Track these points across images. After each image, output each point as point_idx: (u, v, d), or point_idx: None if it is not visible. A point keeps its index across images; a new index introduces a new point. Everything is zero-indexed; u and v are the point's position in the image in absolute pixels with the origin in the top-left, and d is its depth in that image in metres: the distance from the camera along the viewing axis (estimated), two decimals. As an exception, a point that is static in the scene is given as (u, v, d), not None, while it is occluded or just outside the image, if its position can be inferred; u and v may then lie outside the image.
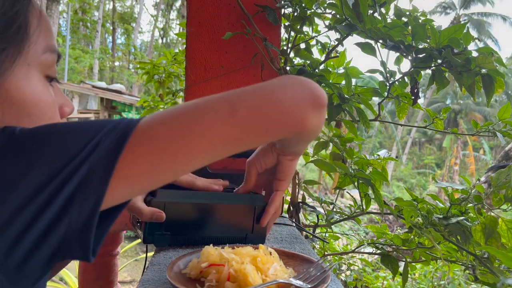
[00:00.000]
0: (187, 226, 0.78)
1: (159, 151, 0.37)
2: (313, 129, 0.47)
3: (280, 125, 0.43)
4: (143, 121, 0.38)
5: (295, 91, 0.44)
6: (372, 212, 1.19)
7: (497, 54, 0.96)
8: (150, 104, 1.99)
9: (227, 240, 0.80)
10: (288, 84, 0.44)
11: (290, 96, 0.43)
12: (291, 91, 0.43)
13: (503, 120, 1.06)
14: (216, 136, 0.39)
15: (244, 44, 1.20)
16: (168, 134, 0.38)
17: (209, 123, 0.39)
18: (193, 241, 0.79)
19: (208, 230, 0.79)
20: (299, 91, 0.44)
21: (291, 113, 0.43)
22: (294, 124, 0.44)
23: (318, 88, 0.46)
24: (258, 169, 0.70)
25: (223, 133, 0.39)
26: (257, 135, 0.42)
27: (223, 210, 0.79)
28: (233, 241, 0.80)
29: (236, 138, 0.40)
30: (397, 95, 1.17)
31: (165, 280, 0.64)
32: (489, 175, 2.59)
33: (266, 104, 0.41)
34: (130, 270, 5.44)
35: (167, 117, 0.39)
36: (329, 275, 0.60)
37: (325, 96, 0.47)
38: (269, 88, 0.43)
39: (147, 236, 0.75)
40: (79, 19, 24.91)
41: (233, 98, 0.41)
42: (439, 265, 2.58)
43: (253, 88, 0.42)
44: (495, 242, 0.89)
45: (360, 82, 8.78)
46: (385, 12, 1.09)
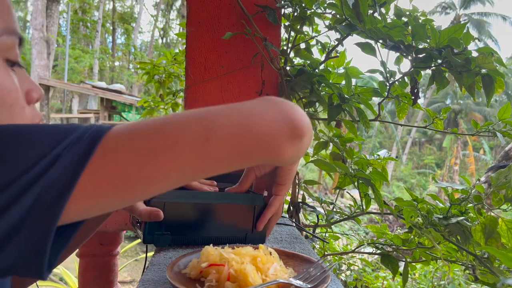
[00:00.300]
0: (187, 226, 0.78)
1: (124, 175, 0.35)
2: (289, 160, 0.45)
3: (254, 156, 0.41)
4: (110, 137, 0.35)
5: (274, 121, 0.41)
6: (372, 212, 1.19)
7: (497, 54, 0.96)
8: (151, 104, 1.98)
9: (227, 240, 0.80)
10: (268, 112, 0.41)
11: (268, 127, 0.40)
12: (270, 121, 0.41)
13: (503, 120, 1.06)
14: (187, 164, 0.37)
15: (244, 44, 1.20)
16: (136, 157, 0.35)
17: (181, 151, 0.36)
18: (193, 241, 0.79)
19: (208, 230, 0.79)
20: (278, 122, 0.41)
21: (267, 145, 0.41)
22: (269, 155, 0.42)
23: (299, 118, 0.43)
24: (256, 173, 0.69)
25: (194, 161, 0.37)
26: (229, 163, 0.40)
27: (223, 210, 0.79)
28: (233, 241, 0.80)
29: (207, 166, 0.38)
30: (397, 95, 1.17)
31: (165, 280, 0.64)
32: (489, 175, 2.59)
33: (242, 133, 0.39)
34: (130, 270, 5.44)
35: (138, 137, 0.36)
36: (329, 275, 0.60)
37: (306, 126, 0.44)
38: (247, 115, 0.40)
39: (147, 236, 0.75)
40: (79, 19, 24.92)
41: (209, 120, 0.38)
42: (439, 265, 2.58)
43: (230, 111, 0.40)
44: (495, 242, 0.89)
45: (360, 82, 8.79)
46: (385, 12, 1.09)
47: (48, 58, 14.13)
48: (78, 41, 26.35)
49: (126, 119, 14.67)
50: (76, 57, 21.56)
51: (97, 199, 0.34)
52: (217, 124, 0.38)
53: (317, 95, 1.15)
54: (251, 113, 0.40)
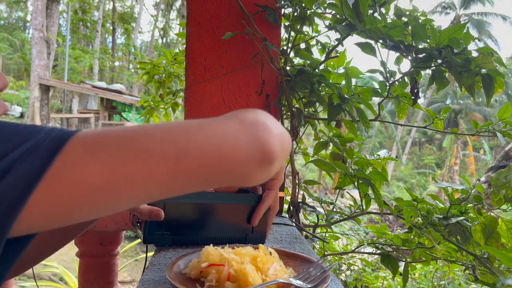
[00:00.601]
0: (187, 226, 0.78)
1: (87, 190, 0.32)
2: (258, 183, 0.44)
3: (223, 179, 0.40)
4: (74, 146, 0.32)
5: (246, 147, 0.40)
6: (372, 212, 1.19)
7: (497, 54, 0.96)
8: (151, 104, 1.98)
9: (227, 240, 0.80)
10: (241, 137, 0.40)
11: (240, 154, 0.39)
12: (242, 147, 0.40)
13: (503, 120, 1.06)
14: (155, 184, 0.35)
15: (244, 44, 1.20)
16: (103, 172, 0.32)
17: (151, 171, 0.35)
18: (193, 241, 0.79)
19: (208, 230, 0.79)
20: (250, 148, 0.40)
21: (238, 171, 0.40)
22: (239, 180, 0.41)
23: (271, 143, 0.42)
24: None
25: (162, 182, 0.36)
26: (198, 185, 0.39)
27: (223, 210, 0.79)
28: (233, 241, 0.80)
29: (175, 187, 0.37)
30: (397, 95, 1.17)
31: (165, 280, 0.64)
32: (489, 175, 2.59)
33: (214, 158, 0.38)
34: (130, 270, 5.44)
35: (106, 151, 0.33)
36: (329, 275, 0.60)
37: (277, 151, 0.43)
38: (220, 139, 0.39)
39: (147, 236, 0.75)
40: (79, 19, 24.93)
41: (181, 141, 0.36)
42: (439, 265, 2.58)
43: (204, 133, 0.38)
44: (495, 242, 0.89)
45: (360, 82, 8.79)
46: (385, 12, 1.09)
47: (48, 58, 14.13)
48: (78, 41, 26.36)
49: (126, 119, 14.67)
50: (76, 57, 21.56)
51: (53, 214, 0.32)
52: (189, 146, 0.37)
53: (317, 95, 1.15)
54: (224, 137, 0.39)
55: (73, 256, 0.96)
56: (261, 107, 1.20)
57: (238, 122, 0.41)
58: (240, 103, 1.20)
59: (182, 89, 1.83)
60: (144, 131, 0.36)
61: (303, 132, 1.27)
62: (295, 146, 1.25)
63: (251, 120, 0.42)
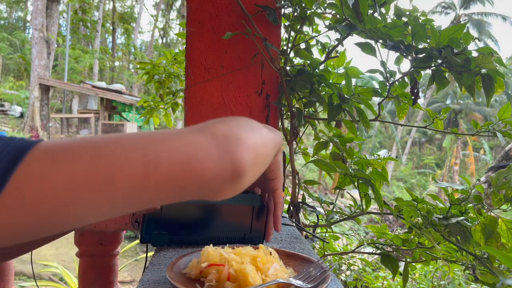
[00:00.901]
0: (185, 226, 0.78)
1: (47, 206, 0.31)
2: (228, 197, 0.43)
3: (193, 194, 0.39)
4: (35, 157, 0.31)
5: (218, 162, 0.39)
6: (372, 212, 1.19)
7: (497, 54, 0.96)
8: (151, 104, 1.98)
9: (225, 240, 0.80)
10: (213, 153, 0.39)
11: (212, 170, 0.38)
12: (214, 163, 0.38)
13: (503, 120, 1.06)
14: (121, 199, 0.34)
15: (244, 44, 1.20)
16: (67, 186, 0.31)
17: (118, 185, 0.33)
18: (190, 241, 0.79)
19: (206, 230, 0.79)
20: (222, 164, 0.39)
21: (208, 187, 0.39)
22: (208, 195, 0.40)
23: (243, 157, 0.41)
24: None
25: (129, 197, 0.35)
26: (166, 199, 0.38)
27: (221, 210, 0.79)
28: (231, 241, 0.80)
29: (142, 201, 0.36)
30: (397, 95, 1.17)
31: (165, 280, 0.64)
32: (489, 175, 2.59)
33: (184, 173, 0.37)
34: (130, 270, 5.44)
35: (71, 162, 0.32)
36: (329, 275, 0.60)
37: (249, 166, 0.41)
38: (191, 151, 0.38)
39: (144, 236, 0.75)
40: (79, 19, 24.94)
41: (151, 154, 0.35)
42: (439, 265, 2.58)
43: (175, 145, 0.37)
44: (495, 242, 0.89)
45: (360, 82, 8.79)
46: (385, 12, 1.09)
47: (48, 58, 14.13)
48: (78, 41, 26.37)
49: (126, 119, 14.68)
50: (76, 57, 21.57)
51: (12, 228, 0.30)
52: (160, 160, 0.35)
53: (317, 95, 1.15)
54: (195, 151, 0.38)
55: (73, 256, 0.96)
56: (261, 107, 1.21)
57: (210, 135, 0.40)
58: (240, 103, 1.20)
59: (182, 89, 1.83)
60: (113, 140, 0.35)
61: (303, 132, 1.27)
62: (295, 146, 1.25)
63: (223, 133, 0.41)
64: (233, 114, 1.20)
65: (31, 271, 1.16)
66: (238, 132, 0.43)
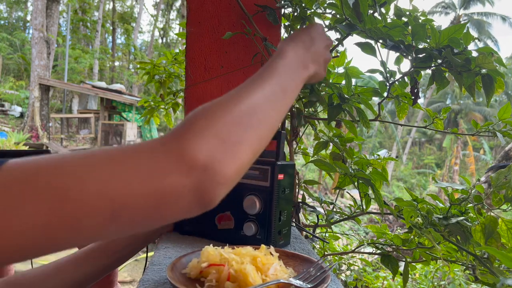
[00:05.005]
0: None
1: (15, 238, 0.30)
2: None
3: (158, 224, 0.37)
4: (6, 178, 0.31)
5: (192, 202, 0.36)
6: (372, 212, 1.19)
7: (497, 54, 0.96)
8: (151, 104, 1.98)
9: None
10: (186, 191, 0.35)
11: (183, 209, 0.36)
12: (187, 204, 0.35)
13: (503, 120, 1.06)
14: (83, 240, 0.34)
15: (244, 44, 1.20)
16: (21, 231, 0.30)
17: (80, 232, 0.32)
18: None
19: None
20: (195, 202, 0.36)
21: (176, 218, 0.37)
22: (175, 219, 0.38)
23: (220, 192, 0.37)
24: None
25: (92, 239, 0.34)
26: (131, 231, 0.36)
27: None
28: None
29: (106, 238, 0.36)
30: (397, 95, 1.17)
31: (165, 280, 0.64)
32: (489, 175, 2.59)
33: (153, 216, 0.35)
34: (130, 270, 5.44)
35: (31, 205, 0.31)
36: (329, 275, 0.60)
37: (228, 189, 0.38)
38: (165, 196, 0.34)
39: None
40: (79, 19, 24.92)
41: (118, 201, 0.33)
42: (439, 265, 2.58)
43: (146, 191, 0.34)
44: (495, 242, 0.89)
45: (360, 82, 8.78)
46: (385, 12, 1.09)
47: (48, 58, 14.13)
48: (78, 41, 26.36)
49: (126, 119, 14.67)
50: (76, 57, 21.56)
51: None
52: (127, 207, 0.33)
53: (317, 95, 1.15)
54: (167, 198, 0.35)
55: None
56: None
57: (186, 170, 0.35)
58: (240, 103, 1.20)
59: (182, 89, 1.83)
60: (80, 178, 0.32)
61: (303, 132, 1.27)
62: (295, 146, 1.25)
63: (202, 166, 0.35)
64: (233, 114, 1.20)
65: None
66: (223, 154, 0.37)
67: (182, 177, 0.35)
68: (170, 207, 0.35)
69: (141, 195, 0.34)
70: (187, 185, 0.35)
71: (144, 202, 0.34)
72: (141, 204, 0.34)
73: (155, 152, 0.35)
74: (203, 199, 0.36)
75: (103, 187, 0.33)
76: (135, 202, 0.34)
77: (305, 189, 1.26)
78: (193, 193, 0.35)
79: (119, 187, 0.33)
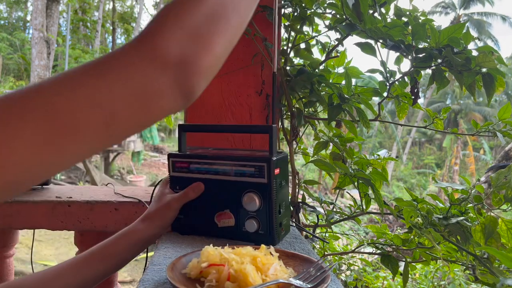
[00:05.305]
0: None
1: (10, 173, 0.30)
2: None
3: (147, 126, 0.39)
4: None
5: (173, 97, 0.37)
6: (372, 212, 1.19)
7: (497, 53, 0.96)
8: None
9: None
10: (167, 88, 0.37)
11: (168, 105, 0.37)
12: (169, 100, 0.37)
13: (503, 120, 1.06)
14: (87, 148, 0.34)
15: (244, 44, 1.19)
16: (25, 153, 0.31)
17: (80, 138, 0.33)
18: None
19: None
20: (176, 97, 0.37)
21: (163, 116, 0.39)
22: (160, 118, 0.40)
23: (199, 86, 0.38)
24: None
25: (95, 145, 0.35)
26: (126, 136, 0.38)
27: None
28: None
29: (107, 144, 0.36)
30: (397, 95, 1.17)
31: (165, 280, 0.64)
32: (489, 175, 2.59)
33: (142, 114, 0.36)
34: (130, 270, 5.44)
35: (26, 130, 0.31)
36: (329, 275, 0.60)
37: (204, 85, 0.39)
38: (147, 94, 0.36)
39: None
40: (79, 19, 24.92)
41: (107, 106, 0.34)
42: (439, 265, 2.58)
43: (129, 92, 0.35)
44: (495, 242, 0.89)
45: (360, 82, 8.78)
46: (385, 12, 1.09)
47: (48, 58, 14.13)
48: (78, 41, 26.36)
49: (126, 119, 14.65)
50: (76, 57, 21.56)
51: None
52: (116, 110, 0.35)
53: (317, 95, 1.15)
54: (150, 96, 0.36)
55: (73, 256, 0.96)
56: (261, 107, 1.20)
57: (161, 67, 0.36)
58: (240, 103, 1.20)
59: (182, 89, 1.83)
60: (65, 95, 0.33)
61: (303, 132, 1.27)
62: (295, 146, 1.25)
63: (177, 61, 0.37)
64: (233, 114, 1.20)
65: (31, 271, 1.16)
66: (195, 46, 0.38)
67: (159, 75, 0.36)
68: (156, 104, 0.37)
69: (126, 98, 0.35)
70: (166, 81, 0.36)
71: (131, 105, 0.35)
72: (128, 107, 0.35)
73: (129, 57, 0.36)
74: (184, 92, 0.38)
75: (89, 98, 0.33)
76: (122, 106, 0.35)
77: (305, 189, 1.26)
78: (174, 88, 0.37)
79: (104, 95, 0.34)
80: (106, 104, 0.34)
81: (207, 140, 1.17)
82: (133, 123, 0.36)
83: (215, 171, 0.83)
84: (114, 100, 0.34)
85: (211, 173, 0.83)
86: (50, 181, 1.37)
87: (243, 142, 1.19)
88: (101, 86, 0.34)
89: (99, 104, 0.34)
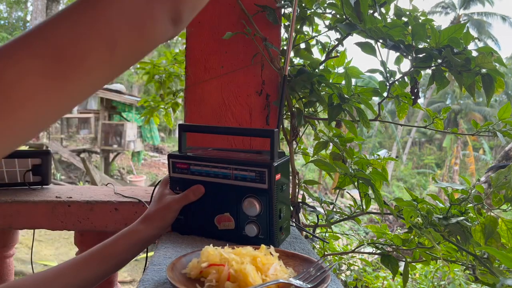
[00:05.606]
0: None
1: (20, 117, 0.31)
2: None
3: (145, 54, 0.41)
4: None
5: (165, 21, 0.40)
6: (372, 212, 1.19)
7: (497, 53, 0.96)
8: (151, 104, 1.98)
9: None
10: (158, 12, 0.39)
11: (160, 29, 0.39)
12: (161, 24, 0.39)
13: (503, 120, 1.06)
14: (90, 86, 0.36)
15: (244, 44, 1.20)
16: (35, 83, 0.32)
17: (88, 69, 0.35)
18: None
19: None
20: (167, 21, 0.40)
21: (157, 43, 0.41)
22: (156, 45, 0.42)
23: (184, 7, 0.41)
24: None
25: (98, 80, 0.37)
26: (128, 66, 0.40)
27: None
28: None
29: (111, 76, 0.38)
30: (397, 95, 1.17)
31: (165, 280, 0.64)
32: (489, 175, 2.59)
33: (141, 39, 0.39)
34: (130, 270, 5.45)
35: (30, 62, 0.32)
36: (329, 275, 0.60)
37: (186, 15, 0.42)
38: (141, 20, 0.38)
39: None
40: (79, 19, 24.86)
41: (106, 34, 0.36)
42: (439, 265, 2.58)
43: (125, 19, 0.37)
44: (495, 242, 0.89)
45: (360, 82, 8.78)
46: (385, 11, 1.09)
47: (48, 58, 14.11)
48: (78, 41, 26.30)
49: (126, 119, 14.67)
50: (76, 57, 21.52)
51: None
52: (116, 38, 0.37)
53: (317, 95, 1.15)
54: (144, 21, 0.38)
55: (73, 256, 0.96)
56: (261, 107, 1.21)
57: None
58: (240, 103, 1.20)
59: (182, 89, 1.83)
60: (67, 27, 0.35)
61: (303, 132, 1.27)
62: (295, 146, 1.25)
63: None
64: (233, 114, 1.20)
65: (31, 271, 1.16)
66: None
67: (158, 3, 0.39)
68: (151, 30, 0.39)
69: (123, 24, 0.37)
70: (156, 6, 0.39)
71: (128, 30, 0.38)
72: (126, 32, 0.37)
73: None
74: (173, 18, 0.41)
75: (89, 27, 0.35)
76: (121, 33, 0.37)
77: (305, 189, 1.26)
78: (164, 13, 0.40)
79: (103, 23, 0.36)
80: (106, 31, 0.36)
81: (207, 140, 1.17)
82: (133, 49, 0.39)
83: (215, 174, 0.82)
84: (112, 27, 0.37)
85: (212, 176, 0.83)
86: (50, 181, 1.37)
87: (243, 142, 1.19)
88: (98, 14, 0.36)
89: (99, 32, 0.36)
